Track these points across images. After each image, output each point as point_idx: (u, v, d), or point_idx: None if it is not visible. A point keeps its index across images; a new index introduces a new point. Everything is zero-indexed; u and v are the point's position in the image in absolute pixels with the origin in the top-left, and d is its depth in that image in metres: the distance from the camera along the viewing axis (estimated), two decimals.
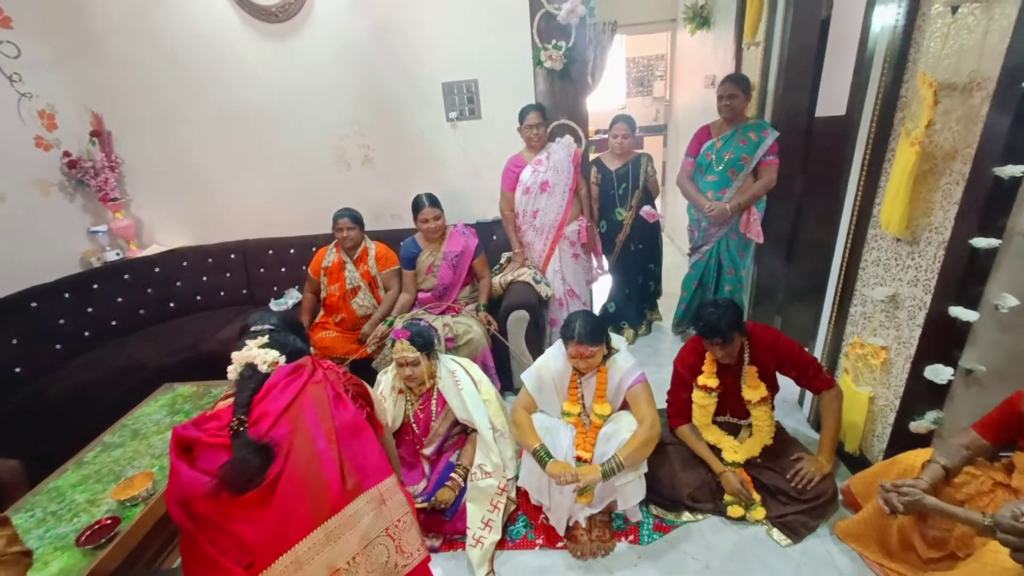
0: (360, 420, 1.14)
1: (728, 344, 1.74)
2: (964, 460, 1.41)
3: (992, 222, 1.34)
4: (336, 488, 1.05)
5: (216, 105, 3.01)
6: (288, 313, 1.41)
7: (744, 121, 2.57)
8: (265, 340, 1.20)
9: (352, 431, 1.11)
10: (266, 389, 1.10)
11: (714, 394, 1.86)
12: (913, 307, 1.63)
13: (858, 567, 1.60)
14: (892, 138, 1.68)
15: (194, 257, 3.15)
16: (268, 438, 1.03)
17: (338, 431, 1.09)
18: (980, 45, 1.33)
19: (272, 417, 1.05)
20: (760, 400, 1.82)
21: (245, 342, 1.21)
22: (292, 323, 1.39)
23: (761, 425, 1.85)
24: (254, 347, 1.18)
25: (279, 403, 1.07)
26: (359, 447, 1.12)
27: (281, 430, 1.05)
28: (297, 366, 1.16)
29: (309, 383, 1.12)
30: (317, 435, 1.06)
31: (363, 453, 1.12)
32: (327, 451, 1.05)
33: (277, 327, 1.28)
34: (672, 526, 1.81)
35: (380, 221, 3.11)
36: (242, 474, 0.99)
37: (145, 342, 2.74)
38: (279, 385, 1.10)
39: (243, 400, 1.08)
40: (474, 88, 2.87)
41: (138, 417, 2.01)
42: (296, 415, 1.07)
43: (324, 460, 1.05)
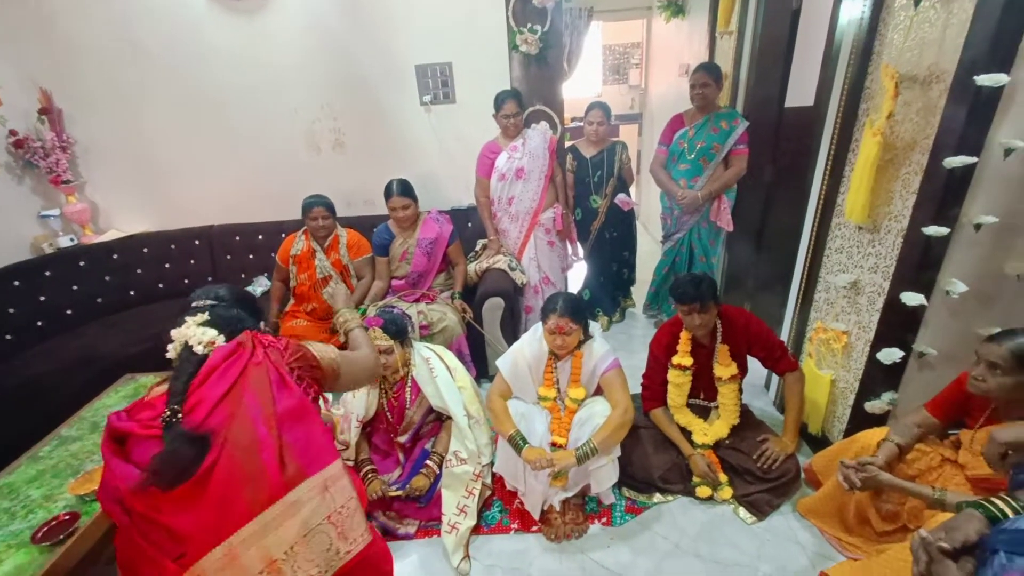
0: (304, 403, 1.07)
1: (704, 312, 1.78)
2: (916, 438, 1.49)
3: (946, 211, 1.40)
4: (275, 476, 0.98)
5: (178, 84, 2.88)
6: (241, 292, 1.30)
7: (716, 110, 2.60)
8: (205, 317, 1.10)
9: (296, 416, 1.04)
10: (204, 373, 1.01)
11: (688, 372, 1.91)
12: (873, 293, 1.70)
13: (818, 542, 1.68)
14: (857, 129, 1.73)
15: (155, 243, 3.02)
16: (204, 427, 0.96)
17: (280, 416, 1.02)
18: (940, 38, 1.38)
19: (209, 404, 0.98)
20: (730, 377, 1.88)
21: (185, 318, 1.10)
22: (241, 296, 1.27)
23: (727, 403, 1.91)
24: (192, 325, 1.07)
25: (217, 389, 0.99)
26: (303, 432, 1.04)
27: (218, 417, 0.98)
28: (237, 345, 1.07)
29: (250, 364, 1.04)
30: (257, 421, 0.99)
31: (307, 438, 1.05)
32: (267, 438, 0.99)
33: (221, 301, 1.18)
34: (644, 507, 1.86)
35: (352, 207, 3.04)
36: (173, 466, 0.92)
37: (104, 332, 2.63)
38: (219, 369, 1.02)
39: (178, 387, 0.99)
40: (448, 71, 2.82)
41: (97, 409, 1.93)
42: (236, 400, 1.00)
43: (263, 447, 0.98)
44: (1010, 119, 1.30)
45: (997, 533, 0.76)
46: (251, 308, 1.26)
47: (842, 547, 1.64)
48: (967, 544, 0.79)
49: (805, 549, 1.66)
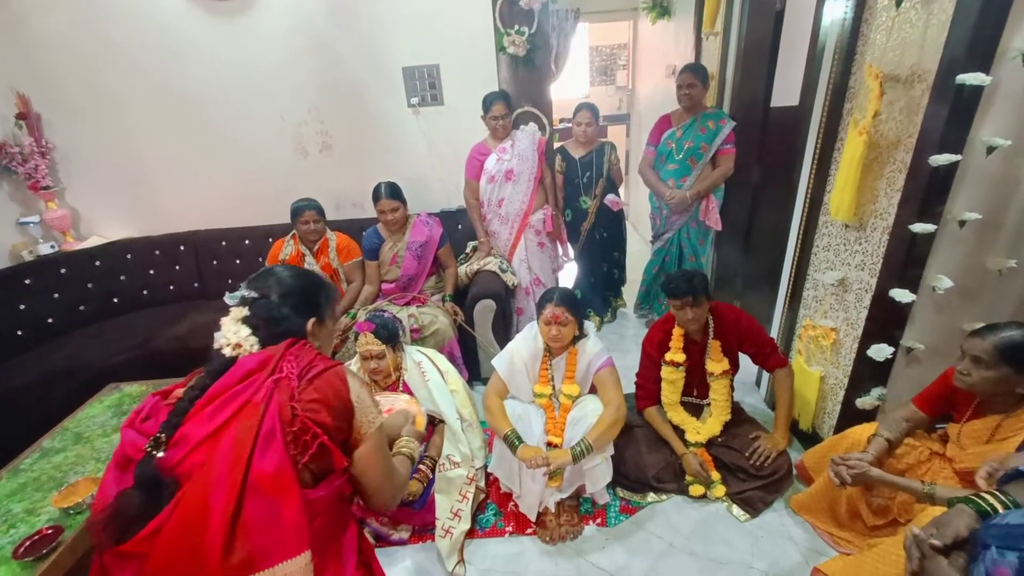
0: (285, 472, 0.82)
1: (697, 305, 1.79)
2: (904, 432, 1.51)
3: (930, 208, 1.42)
4: (213, 563, 0.78)
5: (159, 87, 2.83)
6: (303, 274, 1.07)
7: (703, 110, 2.62)
8: (244, 312, 0.95)
9: (268, 485, 0.81)
10: (212, 393, 0.87)
11: (681, 369, 1.92)
12: (860, 290, 1.72)
13: (811, 537, 1.69)
14: (841, 128, 1.75)
15: (139, 249, 2.97)
16: (173, 474, 0.81)
17: (250, 485, 0.80)
18: (921, 39, 1.40)
19: (189, 445, 0.83)
20: (722, 373, 1.90)
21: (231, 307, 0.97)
22: (297, 289, 1.02)
23: (719, 399, 1.93)
24: (231, 320, 0.94)
25: (206, 427, 0.84)
26: (269, 509, 0.81)
27: (192, 462, 0.82)
28: (262, 361, 0.89)
29: (246, 406, 0.85)
30: (218, 485, 0.79)
31: (272, 518, 0.81)
32: (220, 509, 0.78)
33: (272, 292, 0.99)
34: (638, 507, 1.86)
35: (341, 210, 3.02)
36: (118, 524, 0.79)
37: (87, 341, 2.57)
38: (223, 396, 0.87)
39: (182, 406, 0.86)
40: (436, 73, 2.81)
41: (80, 420, 1.89)
42: (212, 447, 0.83)
43: (211, 520, 0.78)
44: (991, 117, 1.33)
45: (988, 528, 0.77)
46: (305, 304, 1.03)
47: (834, 542, 1.65)
48: (958, 540, 0.80)
49: (798, 545, 1.67)
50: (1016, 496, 0.82)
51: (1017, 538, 0.70)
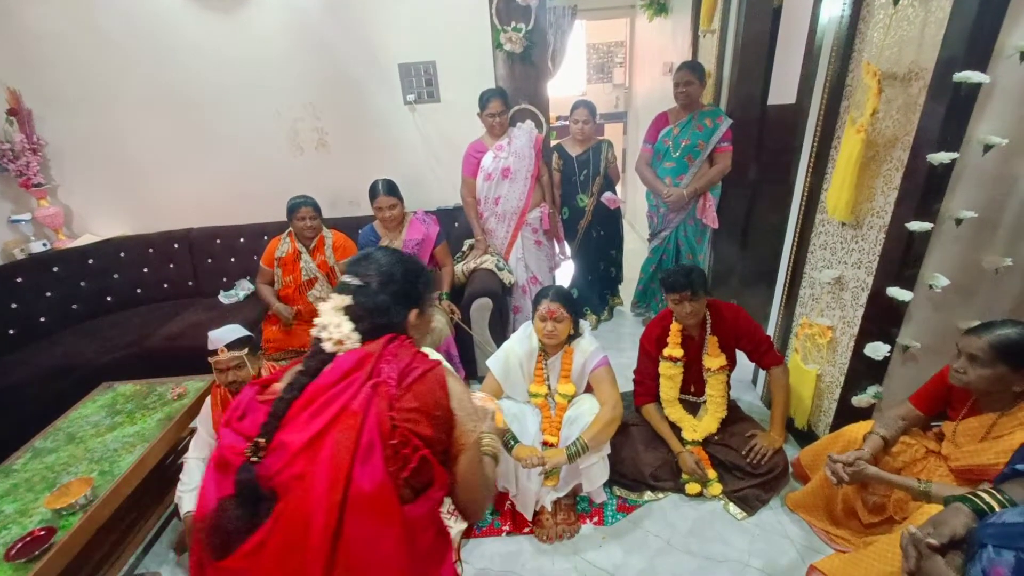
0: (385, 494, 0.78)
1: (695, 300, 1.79)
2: (900, 430, 1.51)
3: (927, 207, 1.42)
4: None
5: (153, 83, 2.80)
6: (405, 259, 0.98)
7: (700, 108, 2.62)
8: (348, 301, 0.89)
9: (368, 508, 0.77)
10: (309, 395, 0.82)
11: (679, 364, 1.92)
12: (856, 288, 1.72)
13: (807, 535, 1.70)
14: (838, 126, 1.75)
15: (133, 247, 2.94)
16: (272, 484, 0.78)
17: (349, 503, 0.76)
18: (919, 36, 1.40)
19: (289, 453, 0.78)
20: (719, 368, 1.90)
21: (332, 294, 0.91)
22: (400, 275, 0.95)
23: (715, 395, 1.93)
24: (334, 309, 0.88)
25: (306, 432, 0.79)
26: (371, 532, 0.78)
27: (292, 472, 0.78)
28: (362, 358, 0.84)
29: (345, 412, 0.79)
30: (318, 505, 0.75)
31: (373, 542, 0.78)
32: (318, 532, 0.75)
33: (374, 279, 0.92)
34: (635, 506, 1.86)
35: (337, 208, 3.00)
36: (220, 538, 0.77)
37: (80, 340, 2.55)
38: (323, 397, 0.81)
39: (279, 409, 0.81)
40: (432, 70, 2.79)
41: (73, 420, 1.87)
42: (311, 459, 0.78)
43: (312, 540, 0.75)
44: (988, 116, 1.32)
45: (984, 527, 0.77)
46: (407, 293, 0.95)
47: (830, 540, 1.65)
48: (955, 539, 0.80)
49: (794, 543, 1.68)
50: (1013, 495, 0.82)
51: (1014, 537, 0.70)
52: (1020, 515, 0.72)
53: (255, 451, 0.79)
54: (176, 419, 1.83)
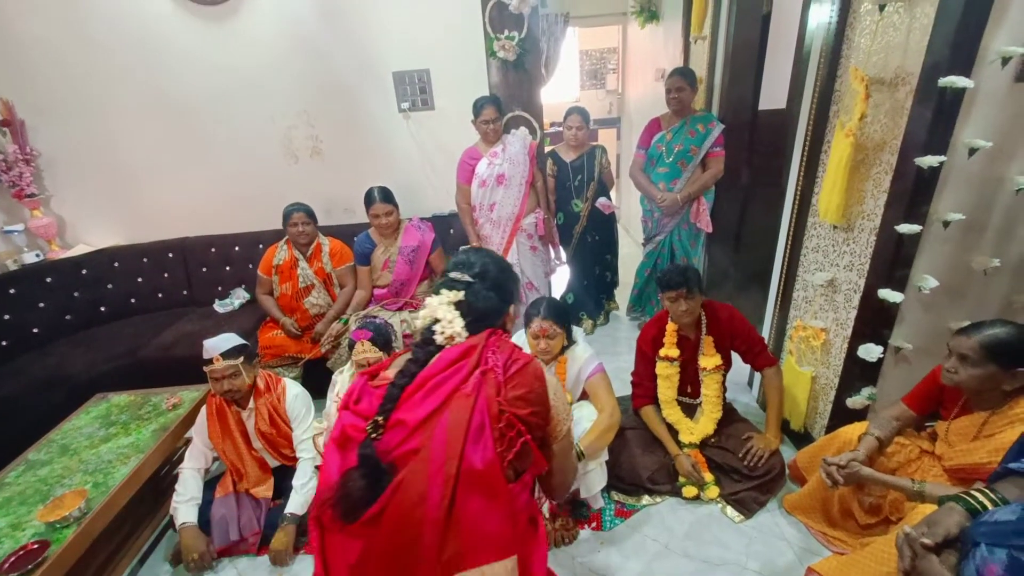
0: (494, 473, 0.84)
1: (691, 297, 1.81)
2: (894, 431, 1.52)
3: (916, 209, 1.44)
4: (430, 554, 0.81)
5: (146, 92, 2.80)
6: (502, 265, 1.07)
7: (692, 113, 2.64)
8: (460, 296, 0.96)
9: (477, 483, 0.83)
10: (420, 380, 0.89)
11: (676, 364, 1.94)
12: (849, 290, 1.73)
13: (804, 537, 1.70)
14: (828, 130, 1.77)
15: (127, 257, 2.93)
16: (392, 457, 0.85)
17: (462, 478, 0.82)
18: (904, 42, 1.42)
19: (406, 430, 0.85)
20: (715, 368, 1.91)
21: (441, 289, 0.97)
22: (502, 276, 1.04)
23: (710, 395, 1.94)
24: (446, 303, 0.95)
25: (419, 412, 0.86)
26: (480, 507, 0.83)
27: (408, 448, 0.85)
28: (466, 349, 0.91)
29: (457, 393, 0.86)
30: (435, 477, 0.82)
31: (482, 517, 0.83)
32: (437, 503, 0.81)
33: (484, 280, 1.00)
34: (632, 510, 1.86)
35: (332, 216, 3.00)
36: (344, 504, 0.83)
37: (73, 350, 2.53)
38: (432, 380, 0.88)
39: (394, 391, 0.88)
40: (426, 78, 2.81)
41: (67, 431, 1.86)
42: (427, 436, 0.85)
43: (428, 513, 0.81)
44: (973, 119, 1.35)
45: (977, 526, 0.78)
46: (508, 292, 1.05)
47: (827, 541, 1.66)
48: (949, 538, 0.81)
49: (792, 545, 1.68)
50: (1005, 493, 0.83)
51: (1006, 535, 0.71)
52: (1012, 513, 0.72)
53: (375, 428, 0.86)
54: (171, 429, 1.83)
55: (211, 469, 1.89)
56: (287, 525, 1.71)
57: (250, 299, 2.84)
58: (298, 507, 1.74)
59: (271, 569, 1.70)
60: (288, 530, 1.71)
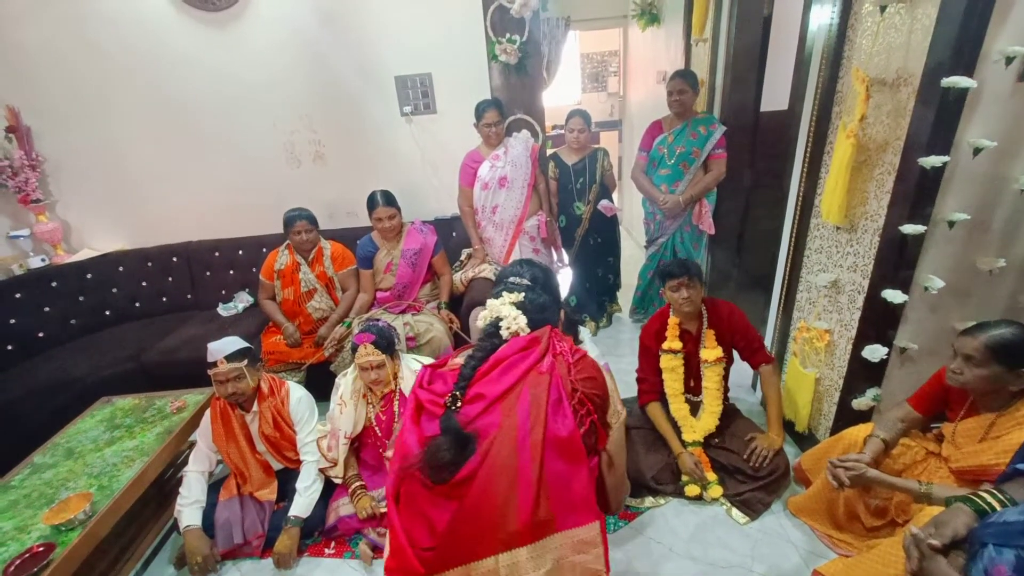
0: (576, 439, 0.91)
1: (691, 286, 1.85)
2: (900, 432, 1.51)
3: (919, 210, 1.43)
4: (525, 515, 0.86)
5: (150, 98, 2.83)
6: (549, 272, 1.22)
7: (694, 116, 2.65)
8: (520, 297, 1.08)
9: (563, 450, 0.90)
10: (493, 361, 0.98)
11: (679, 356, 1.95)
12: (853, 291, 1.73)
13: (810, 540, 1.69)
14: (831, 132, 1.77)
15: (131, 261, 2.95)
16: (474, 426, 0.92)
17: (547, 445, 0.89)
18: (906, 43, 1.42)
19: (486, 401, 0.94)
20: (716, 360, 1.92)
21: (500, 292, 1.09)
22: (552, 282, 1.20)
23: (711, 387, 1.94)
24: (508, 303, 1.06)
25: (497, 387, 0.95)
26: (566, 472, 0.90)
27: (490, 419, 0.93)
28: (532, 339, 1.01)
29: (533, 371, 0.95)
30: (523, 444, 0.89)
31: (568, 482, 0.90)
32: (528, 467, 0.87)
33: (536, 284, 1.14)
34: (636, 512, 1.85)
35: (335, 219, 3.01)
36: (436, 461, 0.90)
37: (78, 354, 2.55)
38: (506, 361, 0.97)
39: (468, 371, 0.98)
40: (428, 82, 2.82)
41: (72, 435, 1.87)
42: (510, 408, 0.92)
43: (522, 477, 0.87)
44: (977, 119, 1.34)
45: (985, 526, 0.78)
46: (558, 294, 1.21)
47: (833, 544, 1.65)
48: (956, 538, 0.80)
49: (797, 548, 1.67)
50: (1013, 494, 0.82)
51: (1014, 535, 0.71)
52: (1020, 514, 0.72)
53: (454, 401, 0.95)
54: (176, 433, 1.83)
55: (215, 472, 1.89)
56: (291, 528, 1.71)
57: (253, 303, 2.85)
58: (302, 510, 1.74)
59: (275, 572, 1.70)
60: (292, 533, 1.71)
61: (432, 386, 1.01)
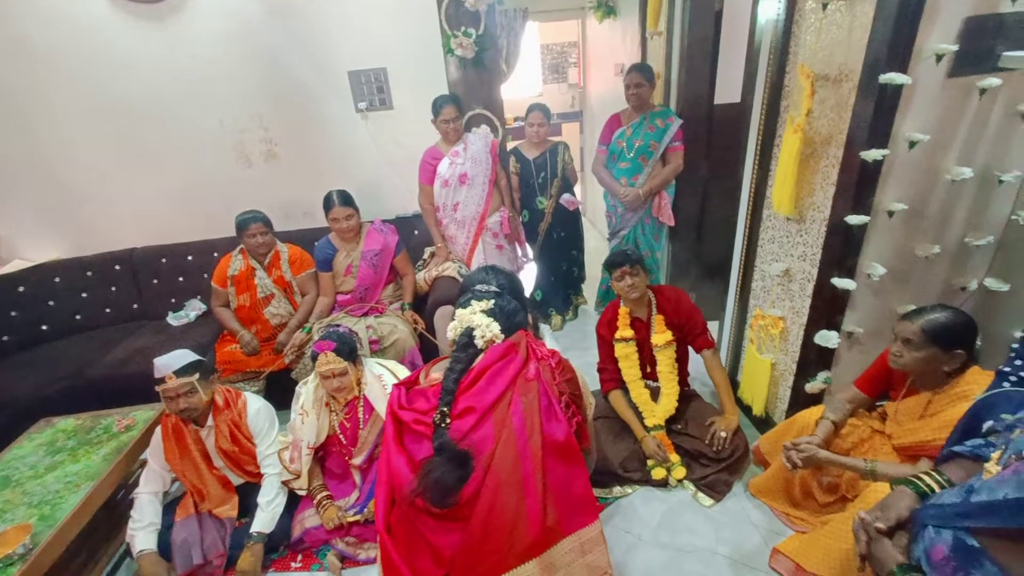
0: (572, 443, 0.94)
1: (635, 273, 1.91)
2: (848, 413, 1.60)
3: (862, 200, 1.50)
4: (536, 525, 0.87)
5: (85, 98, 2.65)
6: (514, 277, 1.22)
7: (651, 109, 2.68)
8: (490, 305, 1.06)
9: (561, 453, 0.92)
10: (477, 371, 0.97)
11: (632, 343, 2.01)
12: (803, 280, 1.79)
13: (769, 520, 1.76)
14: (779, 124, 1.82)
15: (69, 271, 2.76)
16: (468, 441, 0.91)
17: (545, 451, 0.90)
18: (847, 40, 1.47)
19: (477, 415, 0.93)
20: (666, 343, 1.98)
21: (471, 301, 1.06)
22: (519, 287, 1.19)
23: (664, 371, 2.01)
24: (479, 311, 1.04)
25: (486, 398, 0.93)
26: (565, 475, 0.92)
27: (483, 432, 0.91)
28: (510, 346, 1.01)
29: (520, 378, 0.95)
30: (523, 454, 0.89)
31: (569, 484, 0.92)
32: (532, 476, 0.88)
33: (504, 290, 1.12)
34: (605, 503, 1.88)
35: (291, 220, 2.90)
36: (437, 492, 0.87)
37: (14, 372, 2.38)
38: (489, 371, 0.96)
39: (451, 385, 0.96)
40: (383, 77, 2.74)
41: (7, 462, 1.75)
42: (503, 419, 0.92)
43: (528, 487, 0.88)
44: (912, 114, 1.41)
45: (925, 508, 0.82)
46: (524, 297, 1.19)
47: (791, 521, 1.72)
48: (900, 521, 0.85)
49: (758, 528, 1.74)
50: (950, 475, 0.88)
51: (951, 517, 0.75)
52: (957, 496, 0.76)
53: (443, 418, 0.92)
54: (124, 453, 1.74)
55: (170, 491, 1.81)
56: (254, 544, 1.66)
57: (206, 310, 2.73)
58: (265, 525, 1.68)
59: None
60: (255, 549, 1.65)
61: (413, 405, 0.98)
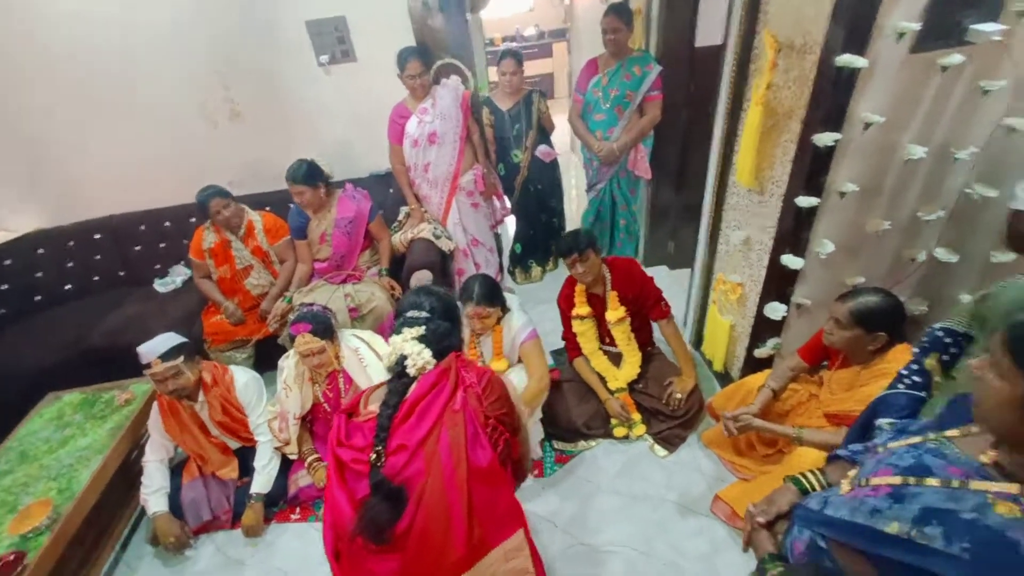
0: (495, 466, 1.02)
1: (584, 260, 1.92)
2: (789, 379, 1.72)
3: (814, 181, 1.50)
4: (462, 545, 0.96)
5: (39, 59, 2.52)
6: (446, 297, 1.23)
7: (629, 54, 2.54)
8: (421, 331, 1.09)
9: (485, 479, 1.00)
10: (408, 406, 1.02)
11: (587, 320, 2.09)
12: (761, 250, 1.83)
13: (717, 468, 1.95)
14: (747, 89, 1.75)
15: (51, 242, 2.79)
16: (402, 478, 0.97)
17: (470, 478, 0.98)
18: (815, 10, 1.38)
19: (408, 452, 0.98)
20: (618, 320, 2.06)
21: (402, 328, 1.11)
22: (450, 306, 1.21)
23: (622, 343, 2.11)
24: (409, 339, 1.08)
25: (417, 433, 0.99)
26: (490, 496, 1.01)
27: (415, 467, 0.98)
28: (441, 373, 1.06)
29: (448, 411, 1.01)
30: (450, 485, 0.97)
31: (493, 503, 1.01)
32: (457, 504, 0.96)
33: (434, 314, 1.14)
34: (570, 456, 2.08)
35: (262, 181, 2.85)
36: (372, 530, 0.95)
37: (18, 341, 2.50)
38: (421, 404, 1.02)
39: (385, 422, 1.00)
40: (343, 26, 2.57)
41: (23, 437, 1.91)
42: (432, 453, 0.98)
43: (453, 515, 0.96)
44: (869, 92, 1.37)
45: (797, 507, 0.94)
46: (457, 317, 1.22)
47: (736, 469, 1.92)
48: (781, 515, 0.98)
49: (705, 476, 1.94)
50: (831, 476, 0.99)
51: (811, 520, 0.87)
52: (818, 503, 0.88)
53: (379, 458, 0.98)
54: (126, 427, 1.89)
55: (175, 456, 1.99)
56: (255, 503, 1.86)
57: (191, 277, 2.79)
58: (262, 486, 1.88)
59: (247, 541, 1.88)
60: (256, 507, 1.86)
61: (351, 441, 1.04)
